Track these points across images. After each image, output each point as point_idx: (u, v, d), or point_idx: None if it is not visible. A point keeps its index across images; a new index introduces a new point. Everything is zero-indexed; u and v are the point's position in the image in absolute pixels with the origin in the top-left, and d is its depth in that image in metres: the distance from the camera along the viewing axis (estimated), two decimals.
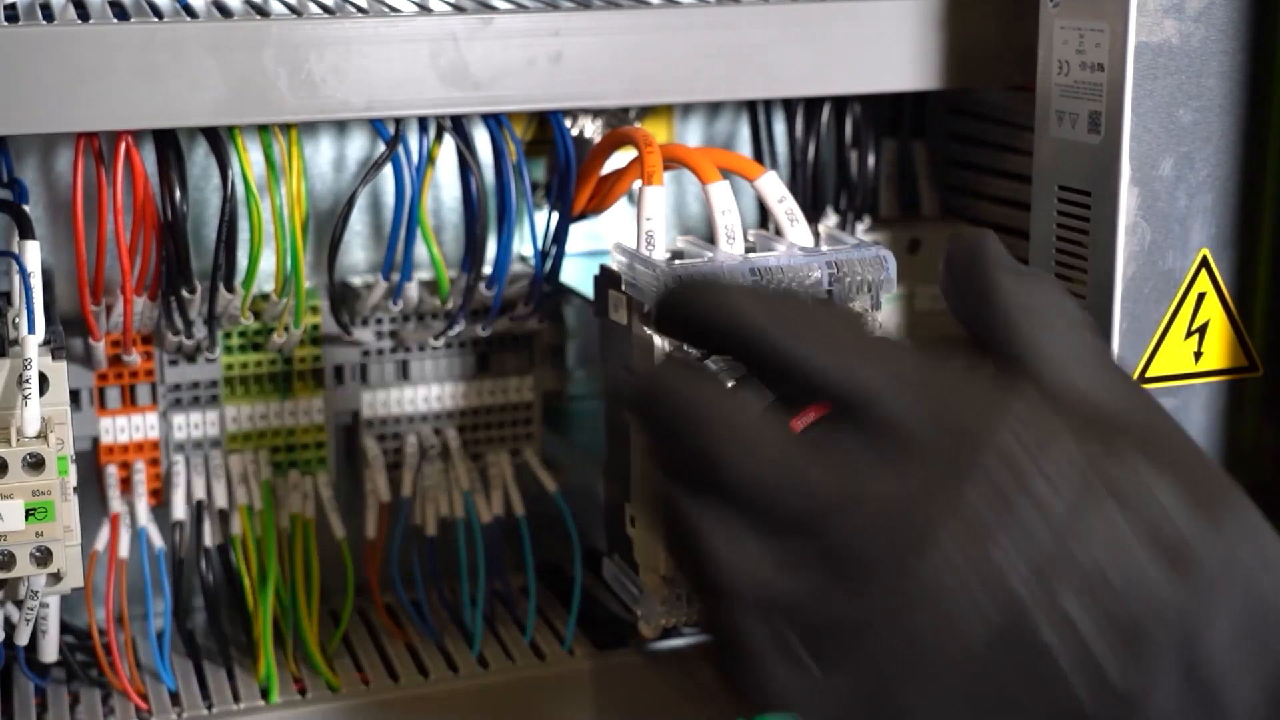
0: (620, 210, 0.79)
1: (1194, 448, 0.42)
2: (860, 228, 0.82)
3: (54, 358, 0.62)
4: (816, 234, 0.69)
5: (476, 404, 0.81)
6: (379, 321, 0.78)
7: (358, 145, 0.79)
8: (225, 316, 0.73)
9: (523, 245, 0.77)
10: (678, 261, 0.65)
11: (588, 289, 0.72)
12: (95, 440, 0.76)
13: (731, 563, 0.40)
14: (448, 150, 0.75)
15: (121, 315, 0.70)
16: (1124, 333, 0.66)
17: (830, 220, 0.82)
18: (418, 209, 0.71)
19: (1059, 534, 0.38)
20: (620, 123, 0.81)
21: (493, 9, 0.69)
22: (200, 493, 0.76)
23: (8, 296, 0.67)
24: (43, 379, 0.61)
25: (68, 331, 0.69)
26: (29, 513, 0.60)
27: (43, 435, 0.60)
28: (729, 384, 0.48)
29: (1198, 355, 0.67)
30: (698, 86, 0.71)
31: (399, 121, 0.70)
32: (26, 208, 0.66)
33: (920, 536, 0.38)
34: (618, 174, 0.74)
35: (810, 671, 0.38)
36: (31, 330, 0.61)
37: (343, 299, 0.76)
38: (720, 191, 0.67)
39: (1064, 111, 0.67)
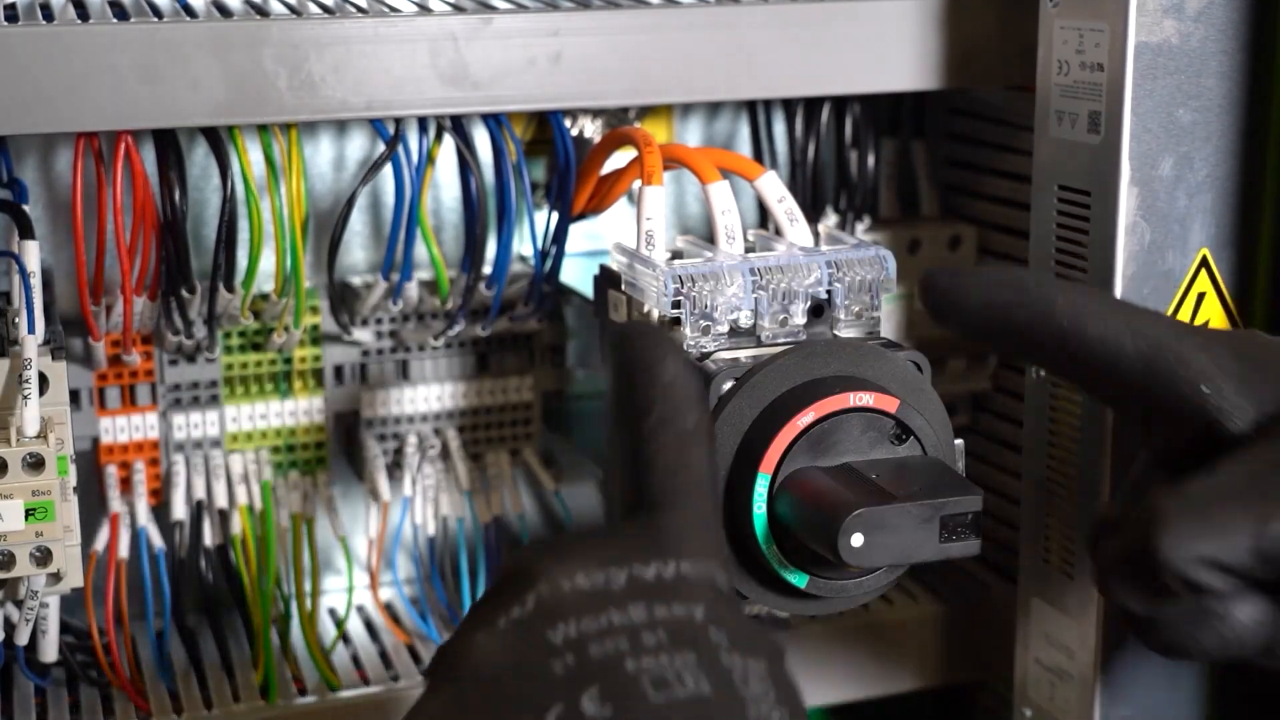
0: (620, 210, 0.79)
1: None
2: (860, 228, 0.82)
3: (54, 358, 0.62)
4: (816, 234, 0.69)
5: (476, 404, 0.81)
6: (379, 321, 0.78)
7: (358, 145, 0.79)
8: (225, 316, 0.73)
9: (523, 245, 0.77)
10: (677, 262, 0.65)
11: (588, 289, 0.72)
12: (95, 440, 0.76)
13: None
14: (447, 150, 0.75)
15: (121, 315, 0.70)
16: None
17: (830, 220, 0.82)
18: (417, 209, 0.71)
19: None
20: (620, 123, 0.81)
21: (493, 9, 0.69)
22: (200, 493, 0.76)
23: (8, 296, 0.67)
24: (42, 379, 0.61)
25: (68, 331, 0.70)
26: (29, 513, 0.60)
27: (42, 435, 0.60)
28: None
29: None
30: (698, 86, 0.71)
31: (399, 121, 0.70)
32: (26, 208, 0.66)
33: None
34: (618, 174, 0.74)
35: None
36: (31, 330, 0.61)
37: (343, 299, 0.76)
38: (720, 191, 0.67)
39: (1064, 111, 0.67)
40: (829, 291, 0.64)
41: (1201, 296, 0.66)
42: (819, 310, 0.63)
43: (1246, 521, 0.49)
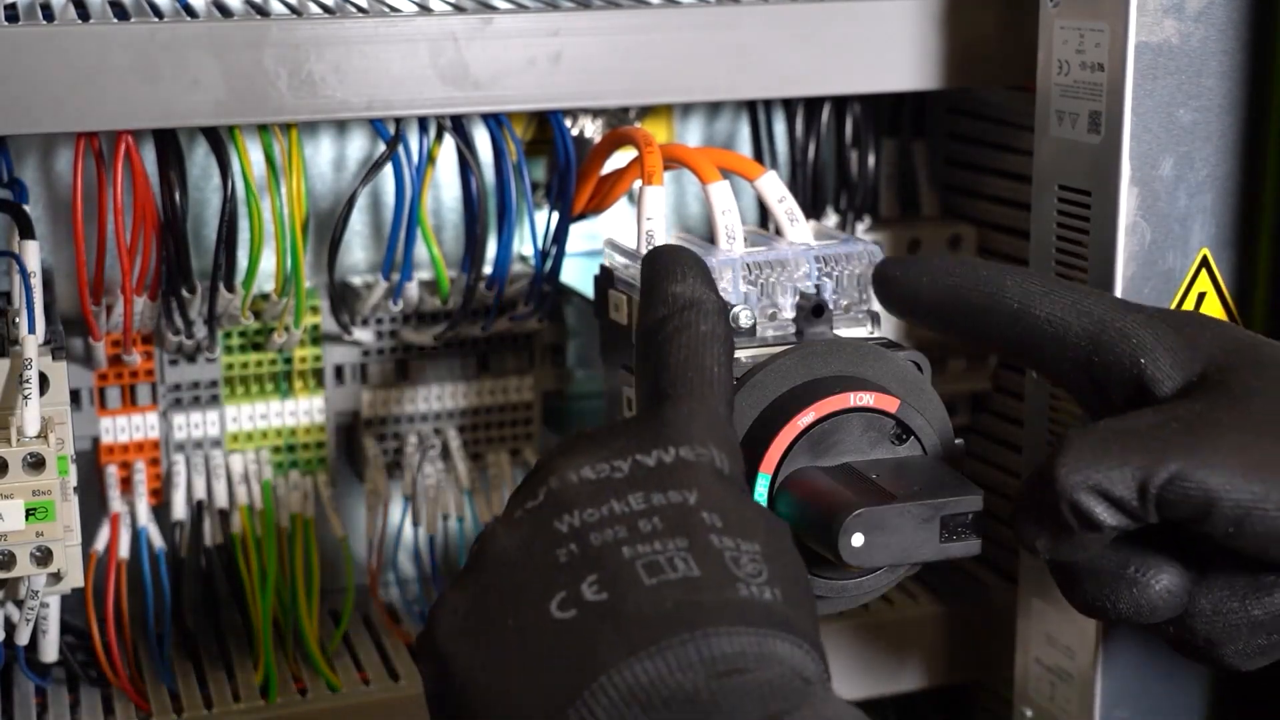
0: (620, 210, 0.79)
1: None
2: (860, 228, 0.82)
3: (54, 358, 0.62)
4: None
5: (476, 404, 0.81)
6: (379, 321, 0.78)
7: (358, 145, 0.79)
8: (225, 316, 0.73)
9: (523, 245, 0.77)
10: None
11: (588, 289, 0.72)
12: (95, 440, 0.76)
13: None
14: (448, 150, 0.75)
15: (121, 315, 0.70)
16: None
17: (830, 220, 0.82)
18: (418, 209, 0.71)
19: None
20: (620, 123, 0.81)
21: (493, 9, 0.69)
22: (200, 493, 0.76)
23: (8, 296, 0.67)
24: (43, 379, 0.61)
25: (68, 331, 0.70)
26: (29, 513, 0.60)
27: (43, 435, 0.60)
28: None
29: None
30: (698, 86, 0.71)
31: (399, 121, 0.70)
32: (26, 208, 0.66)
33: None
34: (618, 174, 0.74)
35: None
36: (31, 330, 0.61)
37: (343, 299, 0.76)
38: (720, 191, 0.67)
39: (1064, 111, 0.67)
40: (817, 286, 0.64)
41: (1202, 296, 0.66)
42: (819, 310, 0.63)
43: (1139, 457, 0.51)
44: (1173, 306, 0.66)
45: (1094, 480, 0.51)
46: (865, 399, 0.58)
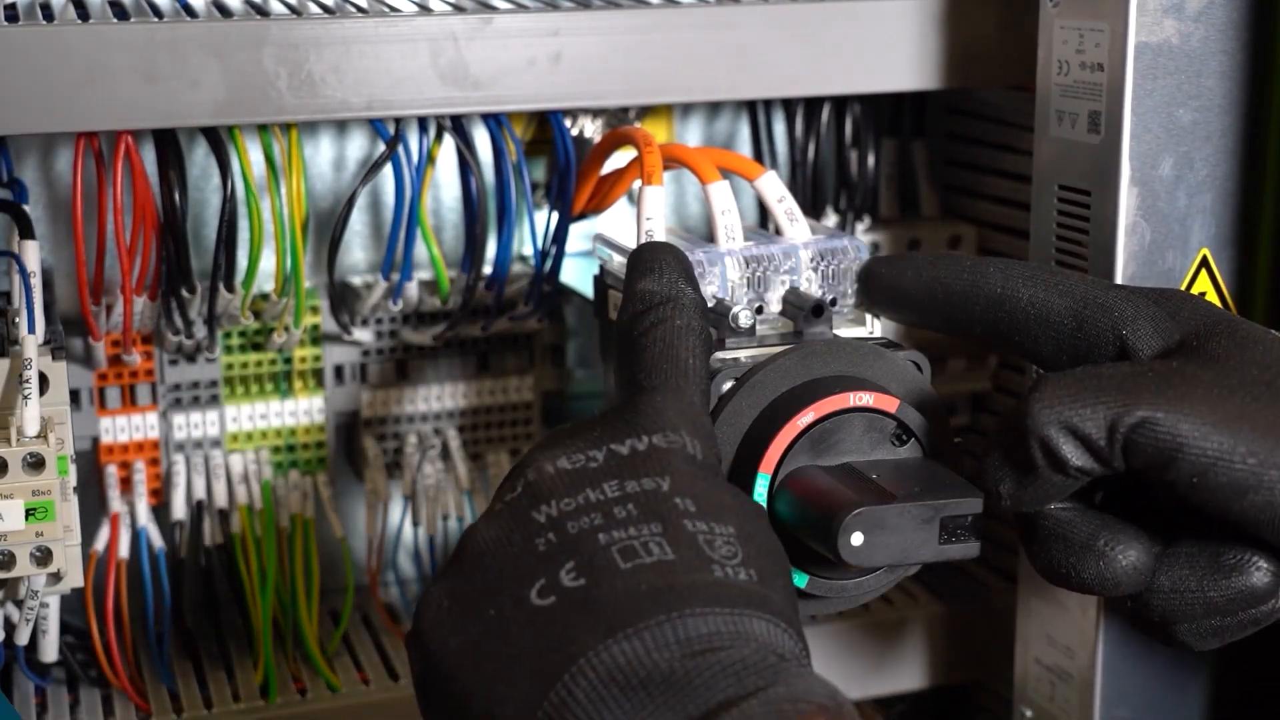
0: (620, 210, 0.79)
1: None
2: (860, 228, 0.82)
3: (54, 358, 0.62)
4: None
5: (476, 404, 0.81)
6: (379, 321, 0.78)
7: (358, 145, 0.79)
8: (225, 316, 0.73)
9: (523, 245, 0.77)
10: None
11: (588, 289, 0.72)
12: (95, 440, 0.76)
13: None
14: (448, 150, 0.75)
15: (121, 315, 0.70)
16: None
17: (830, 220, 0.82)
18: (418, 209, 0.71)
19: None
20: (620, 123, 0.81)
21: (493, 9, 0.69)
22: (200, 493, 0.76)
23: (8, 296, 0.67)
24: (43, 379, 0.61)
25: (68, 331, 0.70)
26: (29, 513, 0.60)
27: (43, 435, 0.60)
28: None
29: None
30: (698, 86, 0.71)
31: (399, 121, 0.70)
32: (26, 208, 0.66)
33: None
34: (618, 174, 0.74)
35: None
36: (31, 330, 0.61)
37: (343, 299, 0.76)
38: (720, 191, 0.67)
39: (1064, 111, 0.67)
40: (807, 280, 0.64)
41: (1201, 296, 0.66)
42: (819, 310, 0.63)
43: (1112, 399, 0.52)
44: None
45: (1065, 417, 0.52)
46: (865, 399, 0.58)
